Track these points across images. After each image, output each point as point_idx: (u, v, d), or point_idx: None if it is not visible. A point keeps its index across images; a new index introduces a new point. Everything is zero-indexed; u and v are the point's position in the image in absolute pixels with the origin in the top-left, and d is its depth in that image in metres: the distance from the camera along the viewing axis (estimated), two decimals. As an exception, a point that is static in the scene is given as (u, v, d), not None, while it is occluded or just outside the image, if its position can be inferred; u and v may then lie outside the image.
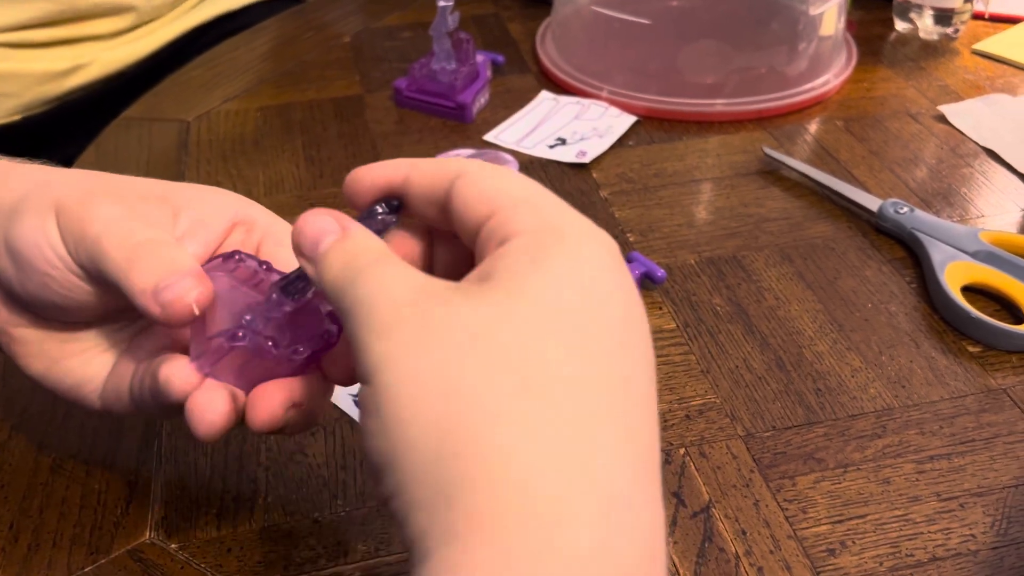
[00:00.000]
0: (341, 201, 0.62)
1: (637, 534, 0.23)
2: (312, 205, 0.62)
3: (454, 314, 0.24)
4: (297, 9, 0.94)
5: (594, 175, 0.65)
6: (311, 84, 0.77)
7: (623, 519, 0.23)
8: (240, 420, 0.33)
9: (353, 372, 0.32)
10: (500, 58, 0.78)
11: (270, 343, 0.31)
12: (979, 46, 0.81)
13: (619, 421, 0.24)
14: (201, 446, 0.45)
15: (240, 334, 0.31)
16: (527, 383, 0.23)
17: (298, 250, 0.29)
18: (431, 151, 0.68)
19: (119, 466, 0.44)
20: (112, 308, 0.35)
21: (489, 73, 0.74)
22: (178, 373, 0.32)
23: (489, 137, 0.69)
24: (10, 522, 0.41)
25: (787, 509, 0.42)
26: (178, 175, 0.66)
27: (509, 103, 0.73)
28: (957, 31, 0.82)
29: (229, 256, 0.33)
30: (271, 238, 0.37)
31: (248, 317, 0.31)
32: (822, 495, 0.42)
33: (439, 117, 0.72)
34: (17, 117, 0.85)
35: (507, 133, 0.69)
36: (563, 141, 0.68)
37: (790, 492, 0.42)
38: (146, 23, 0.90)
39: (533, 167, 0.66)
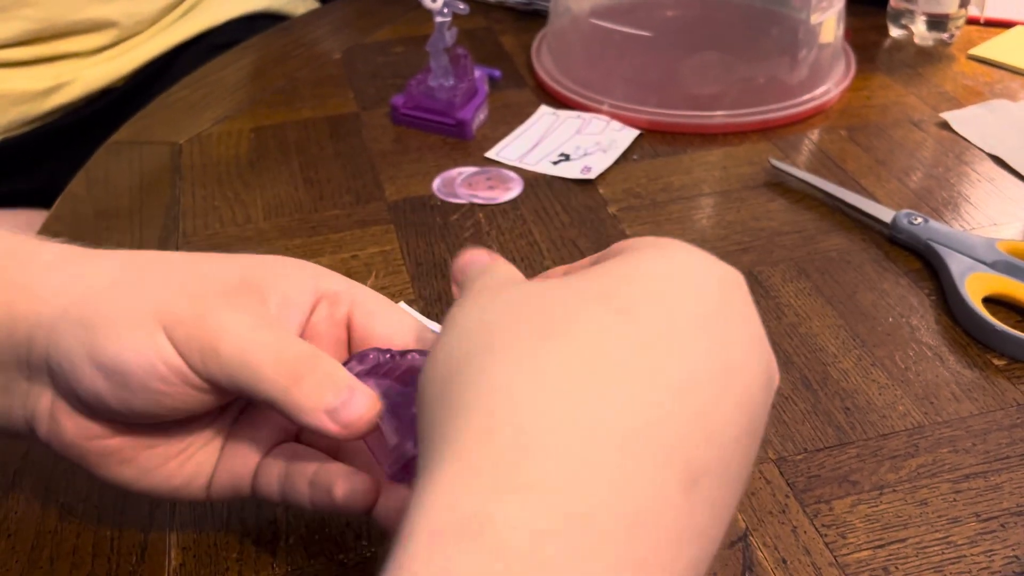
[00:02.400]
0: (343, 224, 0.61)
1: (607, 489, 0.21)
2: (314, 229, 0.60)
3: (532, 284, 0.26)
4: (283, 26, 0.92)
5: (600, 191, 0.64)
6: (304, 103, 0.76)
7: (599, 479, 0.21)
8: None
9: None
10: (497, 73, 0.76)
11: None
12: (975, 51, 0.80)
13: (641, 392, 0.23)
14: (216, 486, 0.43)
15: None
16: (550, 330, 0.24)
17: (454, 279, 0.32)
18: (432, 169, 0.66)
19: (131, 510, 0.42)
20: (218, 407, 0.34)
21: (487, 88, 0.73)
22: (361, 493, 0.32)
23: (490, 154, 0.68)
24: (19, 575, 0.39)
25: (826, 535, 0.41)
26: (172, 200, 0.64)
27: (508, 119, 0.72)
28: (952, 36, 0.81)
29: (363, 355, 0.33)
30: (360, 309, 0.36)
31: (402, 407, 0.32)
32: (860, 519, 0.41)
33: (438, 134, 0.70)
34: None
35: (508, 150, 0.68)
36: (567, 157, 0.67)
37: (827, 517, 0.41)
38: (128, 39, 0.88)
39: (538, 184, 0.64)
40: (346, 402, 0.30)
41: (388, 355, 0.34)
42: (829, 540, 0.40)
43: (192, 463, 0.35)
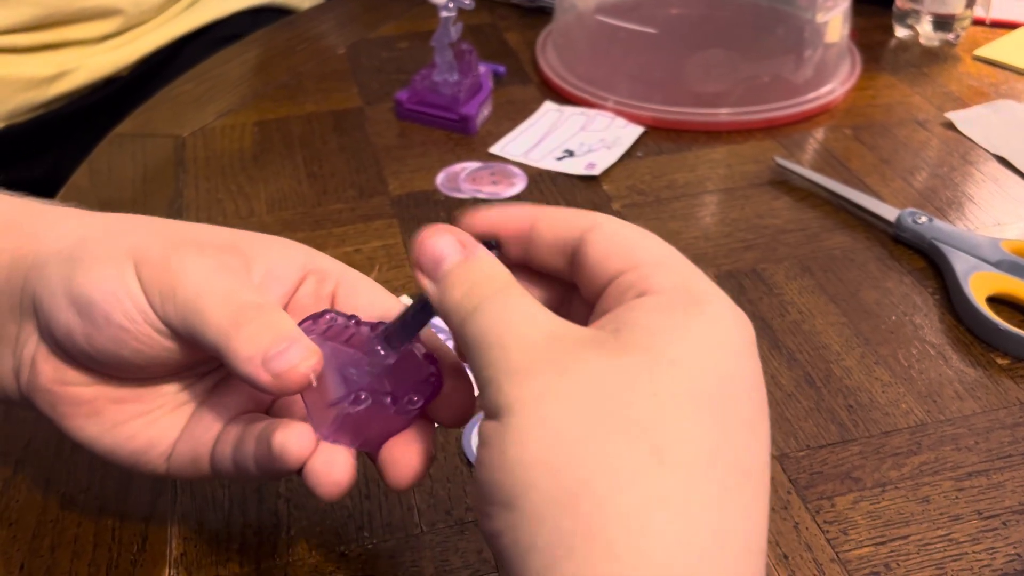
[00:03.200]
0: (346, 218, 0.61)
1: None
2: (317, 223, 0.60)
3: (591, 366, 0.24)
4: (288, 20, 0.92)
5: (604, 187, 0.64)
6: (308, 97, 0.76)
7: None
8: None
9: (463, 414, 0.32)
10: (501, 69, 0.76)
11: (388, 399, 0.30)
12: (981, 52, 0.80)
13: (746, 508, 0.24)
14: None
15: (362, 396, 0.30)
16: (661, 452, 0.23)
17: (418, 266, 0.29)
18: (435, 164, 0.66)
19: (133, 500, 0.42)
20: (187, 363, 0.33)
21: (491, 84, 0.73)
22: (295, 440, 0.30)
23: (494, 150, 0.68)
24: (20, 563, 0.39)
25: (828, 531, 0.41)
26: (176, 193, 0.64)
27: (512, 115, 0.72)
28: (958, 37, 0.81)
29: (319, 316, 0.32)
30: (345, 287, 0.35)
31: (352, 371, 0.30)
32: (862, 516, 0.41)
33: (442, 130, 0.70)
34: (1, 125, 0.83)
35: (513, 145, 0.68)
36: (571, 153, 0.67)
37: (829, 513, 0.41)
38: (133, 28, 0.88)
39: (542, 180, 0.64)
40: (282, 352, 0.29)
41: (351, 320, 0.32)
42: (831, 536, 0.40)
43: (157, 426, 0.34)
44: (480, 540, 0.40)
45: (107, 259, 0.31)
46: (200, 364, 0.34)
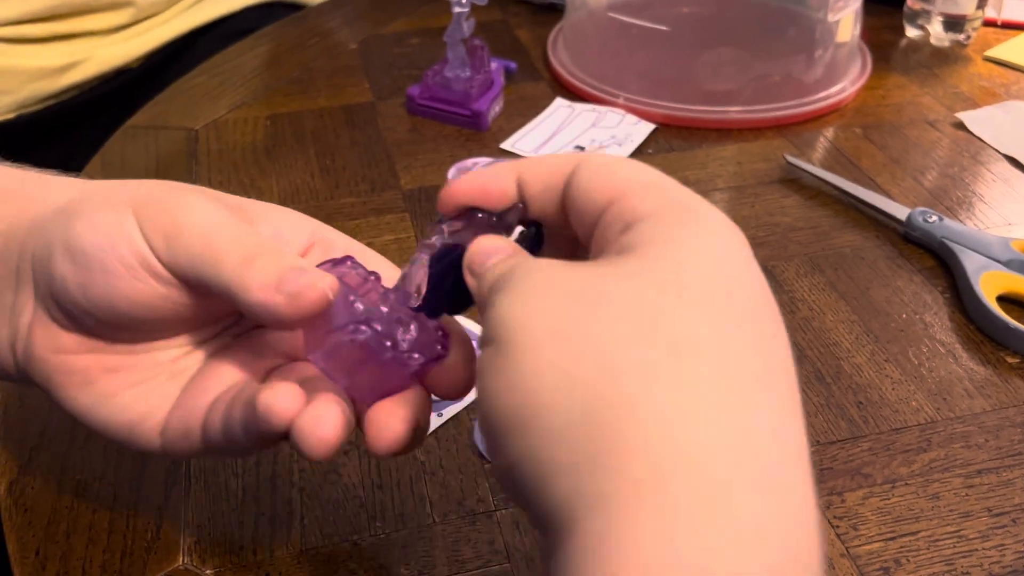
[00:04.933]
0: (358, 211, 0.61)
1: (794, 510, 0.22)
2: (329, 216, 0.60)
3: (598, 279, 0.24)
4: (299, 15, 0.92)
5: (615, 184, 0.64)
6: (320, 91, 0.76)
7: (782, 493, 0.21)
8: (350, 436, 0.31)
9: (462, 385, 0.31)
10: (513, 65, 0.77)
11: (388, 343, 0.30)
12: (991, 53, 0.80)
13: (771, 390, 0.23)
14: (231, 466, 0.43)
15: (362, 327, 0.29)
16: (678, 347, 0.22)
17: (469, 268, 0.29)
18: (447, 160, 0.66)
19: (147, 488, 0.42)
20: (181, 317, 0.32)
21: (503, 80, 0.73)
22: (281, 397, 0.29)
23: (506, 145, 0.68)
24: (36, 548, 0.40)
25: (838, 527, 0.41)
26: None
27: (523, 111, 0.72)
28: (969, 37, 0.81)
29: (340, 261, 0.31)
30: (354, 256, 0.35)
31: (361, 308, 0.30)
32: (872, 511, 0.41)
33: (454, 125, 0.70)
34: (11, 115, 0.84)
35: (524, 141, 0.68)
36: (582, 149, 0.67)
37: (839, 509, 0.42)
38: (144, 19, 0.89)
39: (552, 176, 0.64)
40: (297, 275, 0.29)
41: (372, 275, 0.31)
42: (841, 532, 0.40)
43: (151, 397, 0.33)
44: (491, 531, 0.40)
45: (105, 206, 0.31)
46: (193, 322, 0.33)
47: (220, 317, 0.34)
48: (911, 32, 0.84)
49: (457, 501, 0.42)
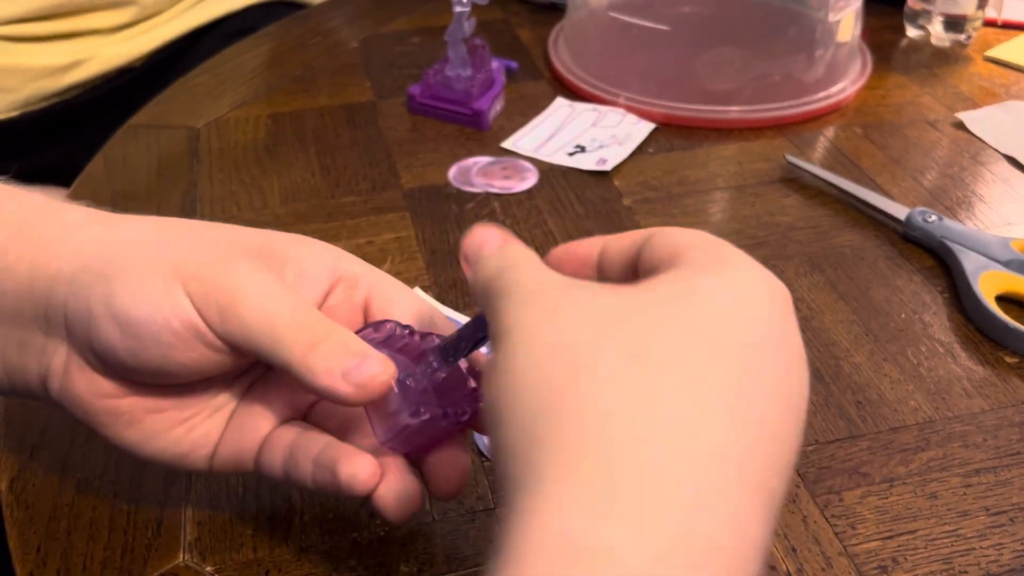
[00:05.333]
0: (359, 210, 0.62)
1: (731, 538, 0.22)
2: (330, 215, 0.61)
3: (592, 295, 0.26)
4: (300, 14, 0.93)
5: (615, 183, 0.64)
6: (321, 90, 0.76)
7: (719, 514, 0.22)
8: None
9: None
10: (514, 64, 0.77)
11: (441, 412, 0.32)
12: (992, 53, 0.80)
13: (745, 428, 0.23)
14: (232, 464, 0.43)
15: (422, 410, 0.32)
16: (641, 357, 0.23)
17: (464, 256, 0.31)
18: (447, 158, 0.67)
19: (147, 485, 0.42)
20: (232, 371, 0.34)
21: (503, 80, 0.73)
22: (363, 472, 0.32)
23: (506, 144, 0.68)
24: (37, 545, 0.40)
25: (836, 525, 0.41)
26: (190, 183, 0.64)
27: (524, 110, 0.73)
28: (969, 38, 0.81)
29: (380, 324, 0.34)
30: (379, 294, 0.36)
31: (409, 380, 0.32)
32: (870, 510, 0.42)
33: (455, 124, 0.70)
34: (15, 113, 0.84)
35: (524, 140, 0.68)
36: (582, 148, 0.67)
37: (837, 507, 0.42)
38: (147, 19, 0.89)
39: (553, 175, 0.65)
40: (359, 365, 0.31)
41: (407, 330, 0.34)
42: (839, 530, 0.41)
43: (197, 432, 0.35)
44: (491, 528, 0.40)
45: (150, 276, 0.31)
46: (243, 369, 0.35)
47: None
48: (911, 32, 0.84)
49: (457, 499, 0.42)
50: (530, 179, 0.64)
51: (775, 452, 0.24)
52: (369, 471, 0.32)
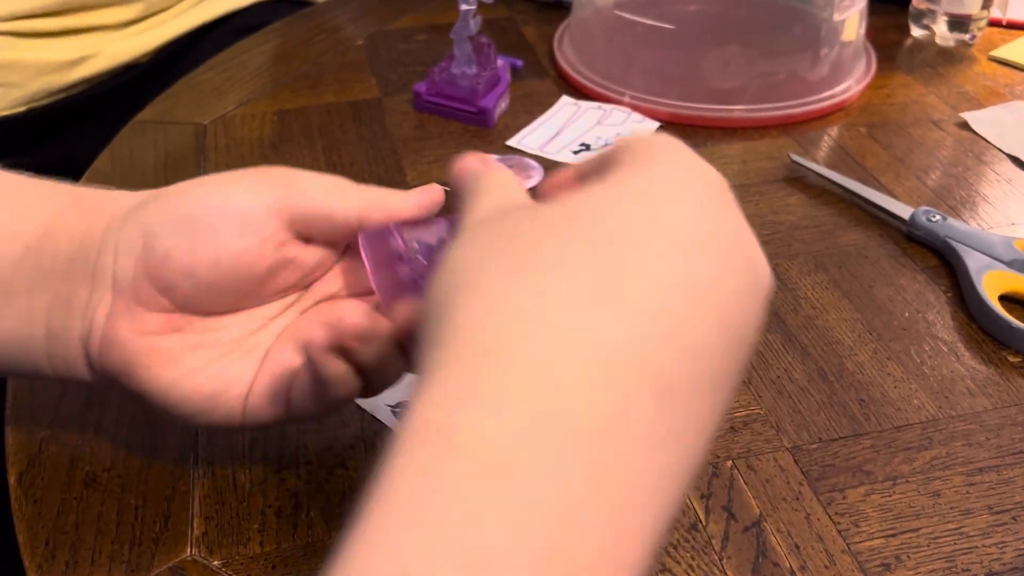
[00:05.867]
0: (365, 207, 0.62)
1: (585, 412, 0.22)
2: (336, 211, 0.61)
3: (522, 213, 0.28)
4: (306, 12, 0.93)
5: (620, 181, 0.64)
6: (327, 87, 0.76)
7: (571, 390, 0.22)
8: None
9: None
10: (519, 62, 0.77)
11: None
12: (996, 53, 0.81)
13: (612, 331, 0.23)
14: (239, 459, 0.44)
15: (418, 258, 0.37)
16: (522, 266, 0.25)
17: (453, 181, 0.34)
18: (453, 156, 0.66)
19: (155, 480, 0.43)
20: (268, 288, 0.37)
21: (509, 78, 0.74)
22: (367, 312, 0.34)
23: (512, 142, 0.68)
24: (45, 538, 0.40)
25: (839, 523, 0.41)
26: (197, 180, 0.65)
27: (529, 108, 0.73)
28: (974, 37, 0.81)
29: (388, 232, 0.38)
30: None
31: (416, 244, 0.37)
32: (873, 508, 0.42)
33: (460, 122, 0.71)
34: (22, 108, 0.84)
35: (530, 138, 0.68)
36: (587, 147, 0.67)
37: (841, 505, 0.42)
38: (154, 15, 0.89)
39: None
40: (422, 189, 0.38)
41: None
42: (842, 528, 0.41)
43: (232, 369, 0.36)
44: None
45: (205, 181, 0.36)
46: (277, 288, 0.38)
47: (291, 290, 0.38)
48: (916, 32, 0.84)
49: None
50: (535, 176, 0.64)
51: (673, 344, 0.24)
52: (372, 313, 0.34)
